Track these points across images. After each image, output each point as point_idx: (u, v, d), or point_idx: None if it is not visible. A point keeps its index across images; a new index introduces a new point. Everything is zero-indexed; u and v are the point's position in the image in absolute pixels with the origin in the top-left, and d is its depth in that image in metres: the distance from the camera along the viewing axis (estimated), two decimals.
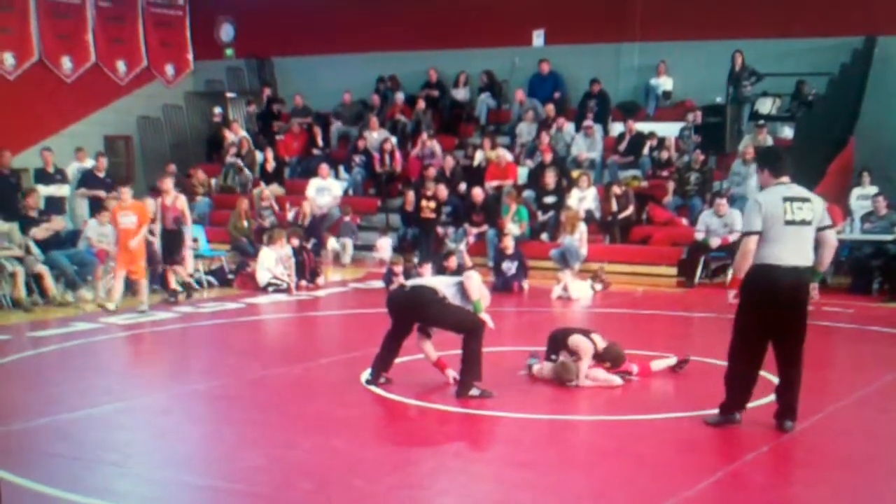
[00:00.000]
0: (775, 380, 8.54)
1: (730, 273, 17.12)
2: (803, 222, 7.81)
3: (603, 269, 17.21)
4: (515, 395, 9.37)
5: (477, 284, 9.38)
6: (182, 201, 15.98)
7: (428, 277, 9.95)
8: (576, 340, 9.75)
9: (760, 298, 7.82)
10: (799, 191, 7.98)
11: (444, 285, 9.43)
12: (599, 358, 9.80)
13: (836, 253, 17.11)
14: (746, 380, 8.03)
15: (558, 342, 9.93)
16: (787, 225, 7.76)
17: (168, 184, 16.06)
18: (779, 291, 7.77)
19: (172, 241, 15.75)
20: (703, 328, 14.55)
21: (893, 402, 9.44)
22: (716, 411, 8.17)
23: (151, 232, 15.61)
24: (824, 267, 8.29)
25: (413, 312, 9.44)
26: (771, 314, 7.84)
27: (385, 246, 20.28)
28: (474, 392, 9.05)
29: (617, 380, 9.69)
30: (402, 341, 9.65)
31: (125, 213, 14.66)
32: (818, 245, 8.02)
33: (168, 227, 15.71)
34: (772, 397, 8.31)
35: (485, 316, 9.34)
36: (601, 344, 9.80)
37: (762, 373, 8.35)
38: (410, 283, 9.88)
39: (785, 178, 7.99)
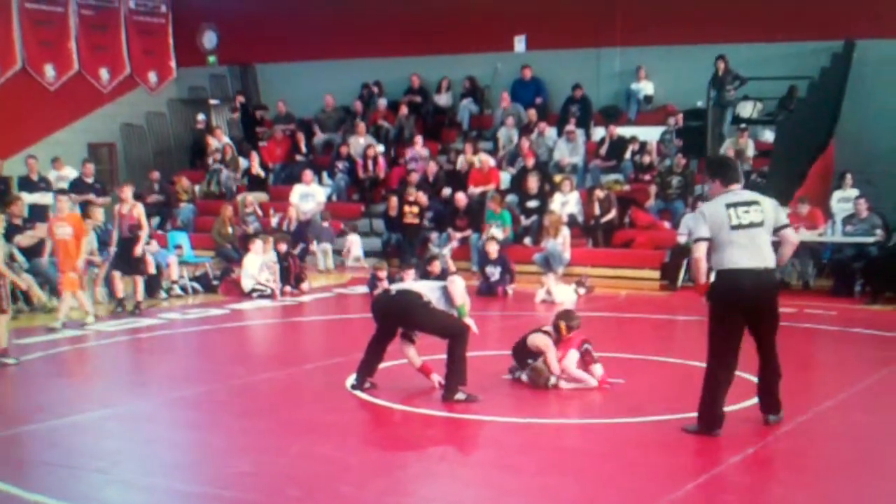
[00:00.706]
0: (755, 380, 8.65)
1: (712, 275, 17.33)
2: (751, 224, 7.97)
3: (587, 276, 17.29)
4: (501, 398, 9.41)
5: (460, 289, 9.44)
6: (139, 210, 15.63)
7: (412, 282, 9.96)
8: (533, 340, 9.90)
9: (726, 303, 7.97)
10: (746, 195, 8.19)
11: (428, 290, 9.48)
12: (561, 330, 9.89)
13: (818, 255, 17.35)
14: (725, 387, 8.08)
15: (522, 352, 10.03)
16: (733, 230, 7.93)
17: (127, 192, 15.78)
18: (741, 294, 7.91)
19: (128, 249, 15.40)
20: (686, 331, 14.60)
21: (877, 404, 9.48)
22: (694, 422, 8.15)
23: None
24: (782, 264, 8.57)
25: (398, 317, 9.46)
26: (739, 317, 8.00)
27: (355, 242, 20.43)
28: (460, 396, 9.08)
29: (592, 381, 9.73)
30: (387, 346, 9.66)
31: (60, 225, 14.30)
32: (780, 245, 8.28)
33: (124, 235, 15.46)
34: (753, 401, 8.41)
35: (469, 320, 9.40)
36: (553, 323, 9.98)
37: (747, 376, 8.44)
38: (395, 287, 9.91)
39: (735, 186, 8.20)
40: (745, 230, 7.94)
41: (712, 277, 8.20)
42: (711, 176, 8.48)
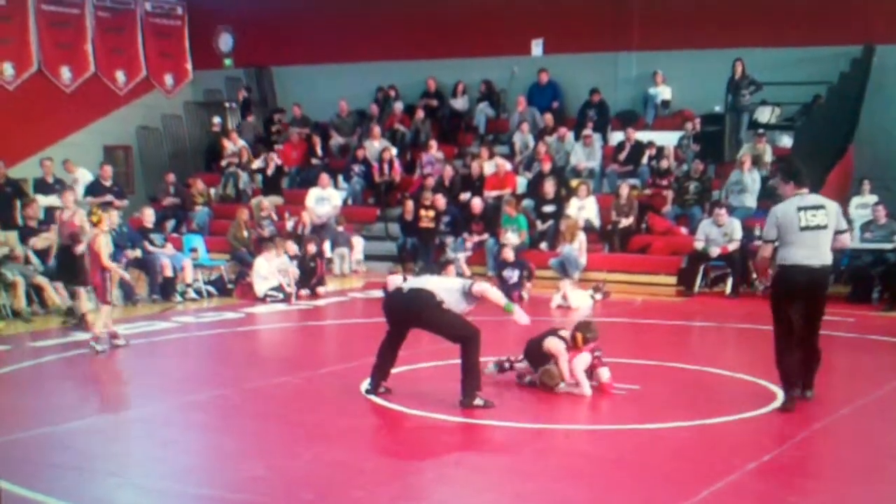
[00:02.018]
0: (778, 390, 8.61)
1: (729, 282, 17.31)
2: (817, 227, 8.99)
3: (605, 283, 17.24)
4: (515, 404, 9.41)
5: (495, 294, 9.39)
6: (80, 216, 14.73)
7: (427, 278, 9.88)
8: (548, 344, 9.83)
9: (784, 293, 9.13)
10: (814, 199, 9.18)
11: (444, 290, 9.33)
12: (577, 340, 9.82)
13: (835, 262, 17.41)
14: (793, 358, 9.09)
15: (536, 353, 9.97)
16: (802, 231, 8.94)
17: (68, 198, 15.39)
18: (795, 287, 9.04)
19: (68, 257, 14.35)
20: (701, 337, 14.56)
21: (894, 411, 9.44)
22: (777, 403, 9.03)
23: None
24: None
25: (410, 316, 9.35)
26: (792, 304, 9.06)
27: (357, 245, 20.58)
28: (478, 402, 9.01)
29: (587, 391, 9.63)
30: (398, 349, 9.59)
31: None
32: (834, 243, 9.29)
33: (64, 242, 14.71)
34: (773, 405, 8.37)
35: (519, 313, 9.34)
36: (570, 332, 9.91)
37: (764, 383, 8.40)
38: (408, 285, 9.70)
39: (804, 189, 9.14)
40: (811, 232, 8.98)
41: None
42: (785, 178, 9.36)
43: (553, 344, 9.80)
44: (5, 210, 17.76)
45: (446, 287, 9.42)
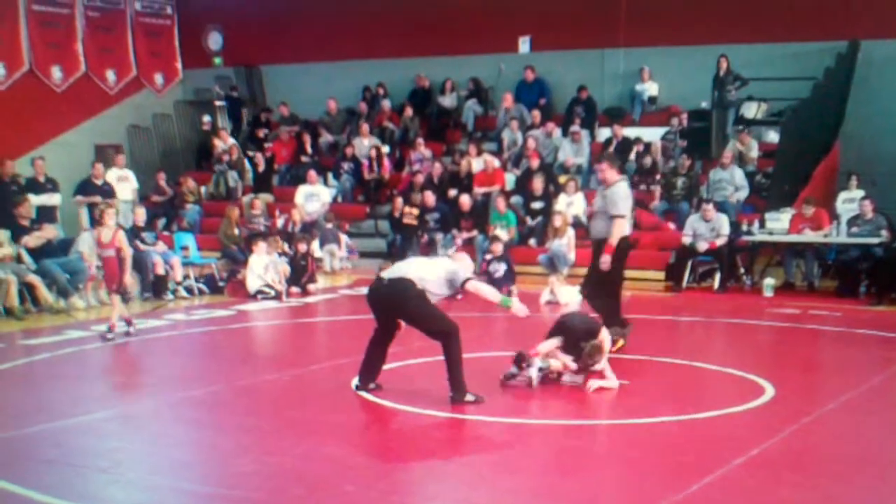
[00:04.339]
0: (766, 384, 8.67)
1: (717, 277, 17.41)
2: None
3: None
4: (504, 399, 9.43)
5: (488, 291, 9.32)
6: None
7: (409, 263, 9.55)
8: (604, 336, 9.72)
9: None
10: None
11: (427, 271, 9.16)
12: (584, 359, 9.73)
13: (823, 256, 17.64)
14: None
15: (576, 333, 9.73)
16: None
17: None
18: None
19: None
20: (690, 332, 14.65)
21: (882, 405, 9.49)
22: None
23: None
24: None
25: (392, 307, 9.21)
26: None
27: (344, 241, 20.68)
28: (469, 398, 8.99)
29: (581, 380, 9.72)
30: (388, 345, 9.51)
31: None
32: None
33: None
34: (758, 402, 8.43)
35: (517, 305, 9.36)
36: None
37: (752, 377, 8.45)
38: (387, 274, 9.43)
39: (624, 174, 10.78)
40: None
41: None
42: (611, 165, 10.36)
43: (606, 338, 9.76)
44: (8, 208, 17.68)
45: (430, 274, 9.18)
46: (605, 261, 11.38)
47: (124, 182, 21.49)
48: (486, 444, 8.29)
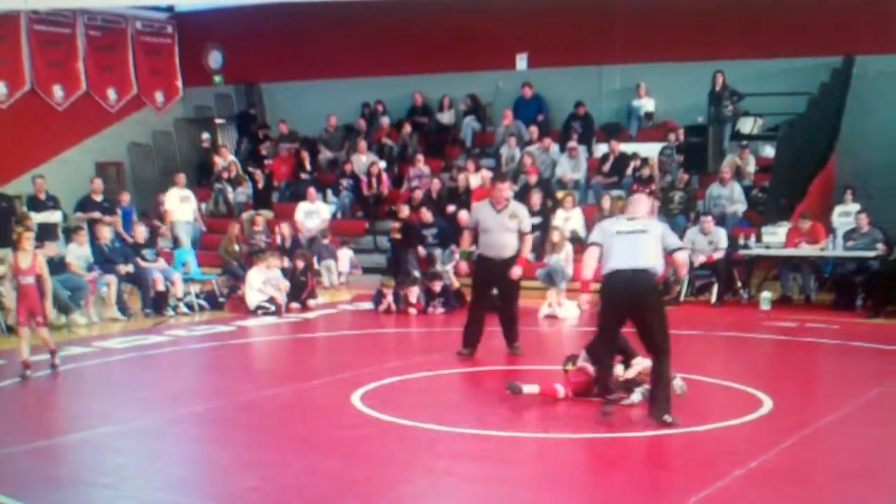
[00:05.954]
0: (764, 397, 8.72)
1: (714, 291, 17.46)
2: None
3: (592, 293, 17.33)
4: (506, 413, 9.45)
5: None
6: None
7: (637, 241, 8.95)
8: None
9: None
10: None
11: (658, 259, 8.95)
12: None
13: (819, 270, 17.58)
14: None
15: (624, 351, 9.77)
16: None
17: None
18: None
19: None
20: (687, 345, 14.65)
21: (879, 417, 9.51)
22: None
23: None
24: None
25: (634, 301, 8.89)
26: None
27: (343, 258, 20.62)
28: (668, 418, 8.63)
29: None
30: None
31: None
32: None
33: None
34: (756, 415, 8.51)
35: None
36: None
37: (750, 390, 8.49)
38: (628, 264, 8.93)
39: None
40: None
41: None
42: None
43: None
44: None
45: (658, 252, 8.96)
46: None
47: (186, 202, 21.70)
48: (485, 459, 8.26)
